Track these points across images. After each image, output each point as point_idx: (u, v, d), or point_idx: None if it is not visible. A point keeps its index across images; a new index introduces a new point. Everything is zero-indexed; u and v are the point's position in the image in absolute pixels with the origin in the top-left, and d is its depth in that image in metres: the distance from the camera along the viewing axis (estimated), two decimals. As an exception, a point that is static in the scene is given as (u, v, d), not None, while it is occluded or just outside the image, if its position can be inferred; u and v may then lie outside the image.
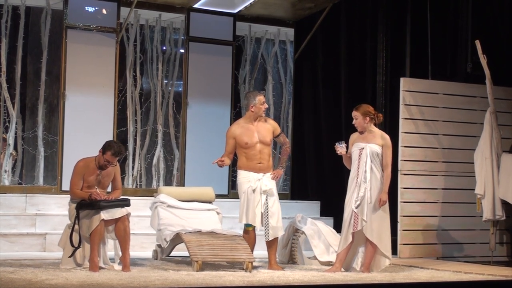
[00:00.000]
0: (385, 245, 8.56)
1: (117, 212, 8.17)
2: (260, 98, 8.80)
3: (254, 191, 8.63)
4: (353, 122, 8.73)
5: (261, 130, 8.77)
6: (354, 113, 8.72)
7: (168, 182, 12.32)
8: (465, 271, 8.77)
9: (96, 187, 8.34)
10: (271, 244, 8.73)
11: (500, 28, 11.22)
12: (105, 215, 8.07)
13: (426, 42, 11.17)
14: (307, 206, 12.12)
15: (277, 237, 8.79)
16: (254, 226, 8.69)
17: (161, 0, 11.83)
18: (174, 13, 12.20)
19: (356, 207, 8.51)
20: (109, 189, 8.60)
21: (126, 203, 8.28)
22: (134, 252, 9.49)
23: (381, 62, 11.18)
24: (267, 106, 8.97)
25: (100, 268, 8.09)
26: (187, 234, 8.76)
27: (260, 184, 8.65)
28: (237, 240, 8.74)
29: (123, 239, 8.20)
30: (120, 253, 8.31)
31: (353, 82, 11.97)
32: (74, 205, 8.26)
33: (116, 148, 8.28)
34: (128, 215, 8.26)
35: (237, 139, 8.72)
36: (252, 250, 8.66)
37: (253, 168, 8.71)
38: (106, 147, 8.30)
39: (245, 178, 8.70)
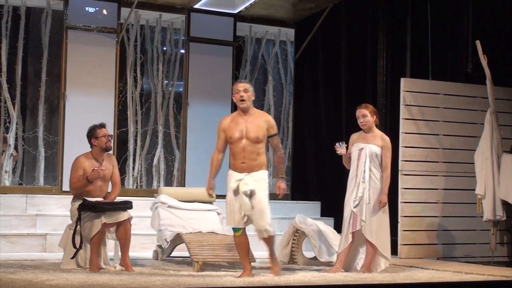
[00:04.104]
0: (384, 246, 8.55)
1: (119, 216, 8.16)
2: (235, 86, 8.14)
3: (234, 192, 7.87)
4: (361, 121, 8.62)
5: (250, 125, 7.95)
6: (363, 111, 8.62)
7: (168, 183, 12.32)
8: (466, 272, 8.77)
9: (98, 181, 8.34)
10: (267, 242, 8.02)
11: (500, 29, 11.22)
12: (106, 219, 8.07)
13: (427, 42, 11.17)
14: (307, 206, 12.13)
15: (272, 236, 8.00)
16: (241, 229, 7.94)
17: (161, 0, 11.84)
18: (175, 13, 12.21)
19: (355, 207, 8.51)
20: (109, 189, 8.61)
21: (128, 206, 8.28)
22: (135, 252, 9.50)
23: (381, 63, 11.18)
24: (242, 95, 8.01)
25: (100, 268, 8.09)
26: (187, 235, 8.76)
27: (241, 185, 7.86)
28: (238, 240, 8.73)
29: (124, 242, 8.20)
30: (120, 254, 8.32)
31: (354, 83, 11.98)
32: (76, 205, 8.25)
33: (95, 124, 8.51)
34: (130, 218, 8.26)
35: (225, 133, 8.04)
36: (245, 255, 8.00)
37: (236, 168, 7.93)
38: (91, 130, 8.49)
39: (229, 177, 7.98)
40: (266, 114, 8.17)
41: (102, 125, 8.52)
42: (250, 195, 7.81)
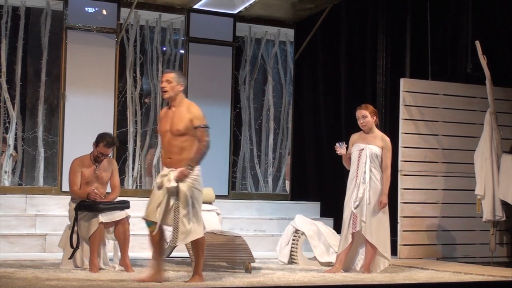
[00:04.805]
0: (384, 246, 8.56)
1: (116, 215, 8.17)
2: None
3: (158, 188, 7.26)
4: (361, 122, 8.65)
5: (175, 117, 7.31)
6: (363, 112, 8.65)
7: (168, 183, 12.29)
8: (465, 272, 8.78)
9: (95, 183, 8.34)
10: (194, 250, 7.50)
11: (500, 29, 11.22)
12: (103, 218, 8.08)
13: (426, 42, 11.17)
14: (307, 206, 12.13)
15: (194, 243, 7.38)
16: (153, 225, 7.29)
17: (161, 0, 11.84)
18: (174, 13, 12.20)
19: (355, 208, 8.51)
20: (108, 189, 8.60)
21: (125, 205, 8.30)
22: (134, 253, 9.49)
23: (381, 63, 11.17)
24: (163, 85, 7.35)
25: (100, 269, 8.09)
26: (187, 235, 8.74)
27: (165, 181, 7.24)
28: (237, 240, 8.74)
29: (123, 242, 8.20)
30: (120, 255, 8.32)
31: (353, 83, 11.97)
32: (74, 205, 8.26)
33: (108, 139, 8.35)
34: (127, 217, 8.26)
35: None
36: (157, 256, 7.39)
37: (164, 163, 7.39)
38: (99, 138, 8.37)
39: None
40: (193, 105, 7.40)
41: (109, 145, 8.35)
42: (171, 194, 7.19)
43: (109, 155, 8.52)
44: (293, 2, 12.06)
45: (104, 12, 11.63)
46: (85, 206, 8.15)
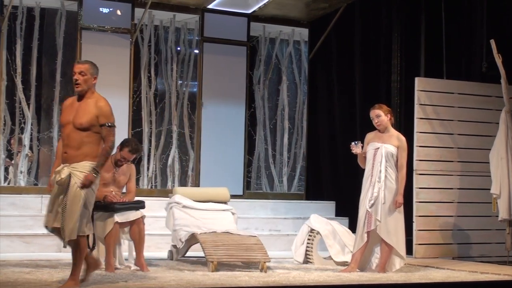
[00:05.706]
0: (400, 246, 8.55)
1: (131, 215, 8.19)
2: (74, 66, 7.15)
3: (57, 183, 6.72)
4: (376, 121, 8.64)
5: (80, 110, 6.82)
6: (377, 112, 8.64)
7: (183, 183, 12.33)
8: (481, 271, 8.75)
9: (112, 186, 8.38)
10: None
11: (515, 27, 11.19)
12: (119, 217, 8.10)
13: (441, 41, 11.14)
14: (322, 206, 12.11)
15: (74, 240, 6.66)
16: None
17: (175, 0, 11.85)
18: (188, 13, 12.22)
19: (370, 207, 8.50)
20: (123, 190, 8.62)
21: (140, 205, 8.32)
22: (150, 252, 9.52)
23: (396, 62, 11.15)
24: (76, 78, 6.99)
25: (116, 268, 8.11)
26: (202, 235, 8.77)
27: (57, 177, 6.71)
28: (252, 240, 8.74)
29: (138, 242, 8.22)
30: (135, 255, 8.33)
31: (368, 82, 11.95)
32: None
33: (133, 146, 8.38)
34: (143, 217, 8.28)
35: None
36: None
37: (62, 158, 6.82)
38: (124, 143, 8.41)
39: None
40: (102, 101, 6.95)
41: (134, 151, 8.37)
42: (63, 188, 6.65)
43: (131, 162, 8.54)
44: (307, 1, 12.05)
45: (119, 12, 11.66)
46: (101, 206, 8.16)
